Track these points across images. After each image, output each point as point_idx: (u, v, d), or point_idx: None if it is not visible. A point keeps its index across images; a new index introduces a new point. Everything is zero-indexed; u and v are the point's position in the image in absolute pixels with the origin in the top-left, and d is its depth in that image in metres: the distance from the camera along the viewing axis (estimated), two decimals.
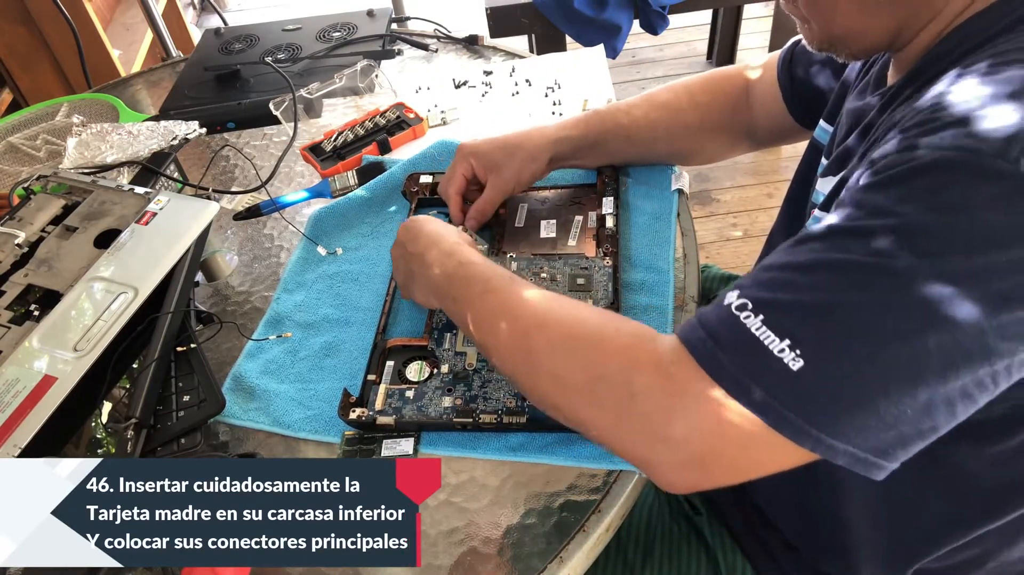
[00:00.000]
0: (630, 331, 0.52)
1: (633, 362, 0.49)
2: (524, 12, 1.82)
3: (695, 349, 0.46)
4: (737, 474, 0.47)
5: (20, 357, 0.67)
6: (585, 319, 0.55)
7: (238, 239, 0.92)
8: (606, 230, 0.81)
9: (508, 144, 0.82)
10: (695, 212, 2.06)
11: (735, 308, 0.45)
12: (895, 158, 0.44)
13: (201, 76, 1.21)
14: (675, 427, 0.46)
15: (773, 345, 0.43)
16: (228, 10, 3.23)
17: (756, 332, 0.44)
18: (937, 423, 0.43)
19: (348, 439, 0.67)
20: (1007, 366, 0.42)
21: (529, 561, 0.58)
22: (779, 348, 0.43)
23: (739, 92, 0.85)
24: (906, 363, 0.41)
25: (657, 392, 0.47)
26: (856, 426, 0.42)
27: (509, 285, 0.60)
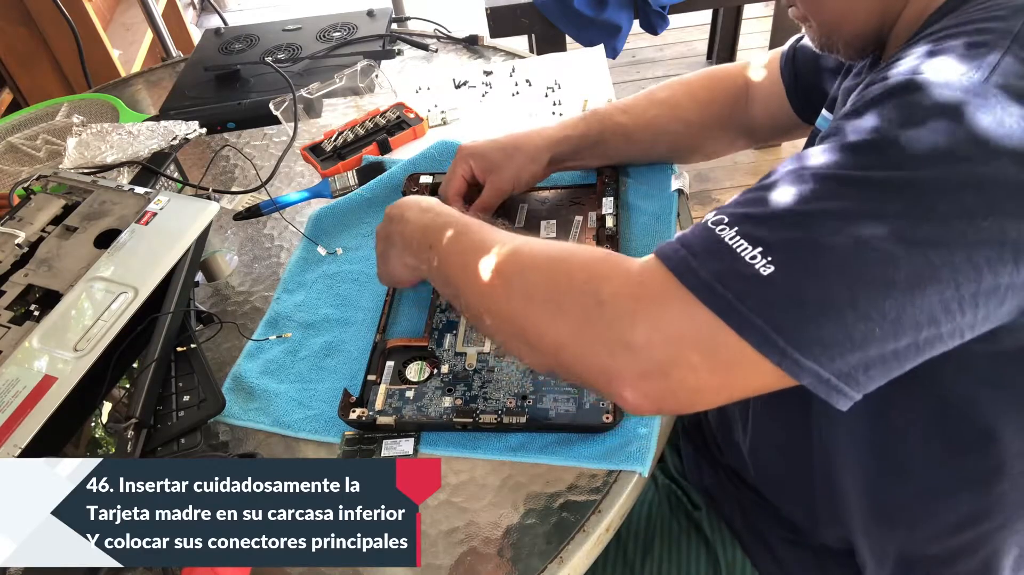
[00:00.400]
0: (604, 252, 0.53)
1: (601, 273, 0.49)
2: (524, 12, 1.81)
3: (668, 259, 0.47)
4: (699, 392, 0.46)
5: (20, 357, 0.67)
6: (560, 247, 0.55)
7: (238, 239, 0.92)
8: (606, 230, 0.81)
9: (507, 145, 0.82)
10: (695, 212, 2.05)
11: (711, 223, 0.46)
12: (867, 90, 0.46)
13: (201, 76, 1.21)
14: (638, 331, 0.46)
15: (745, 252, 0.44)
16: (228, 10, 3.23)
17: (730, 242, 0.44)
18: (902, 348, 0.43)
19: (348, 439, 0.67)
20: (973, 294, 0.42)
21: (529, 561, 0.58)
22: (751, 255, 0.43)
23: (738, 89, 0.85)
24: (874, 273, 0.42)
25: (624, 298, 0.47)
26: (823, 339, 0.42)
27: (484, 227, 0.61)
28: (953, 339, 0.44)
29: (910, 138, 0.42)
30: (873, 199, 0.42)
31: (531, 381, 0.67)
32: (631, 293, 0.47)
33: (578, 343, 0.49)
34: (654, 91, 0.86)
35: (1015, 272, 0.42)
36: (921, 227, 0.41)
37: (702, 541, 0.74)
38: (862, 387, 0.44)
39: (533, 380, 0.67)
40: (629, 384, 0.46)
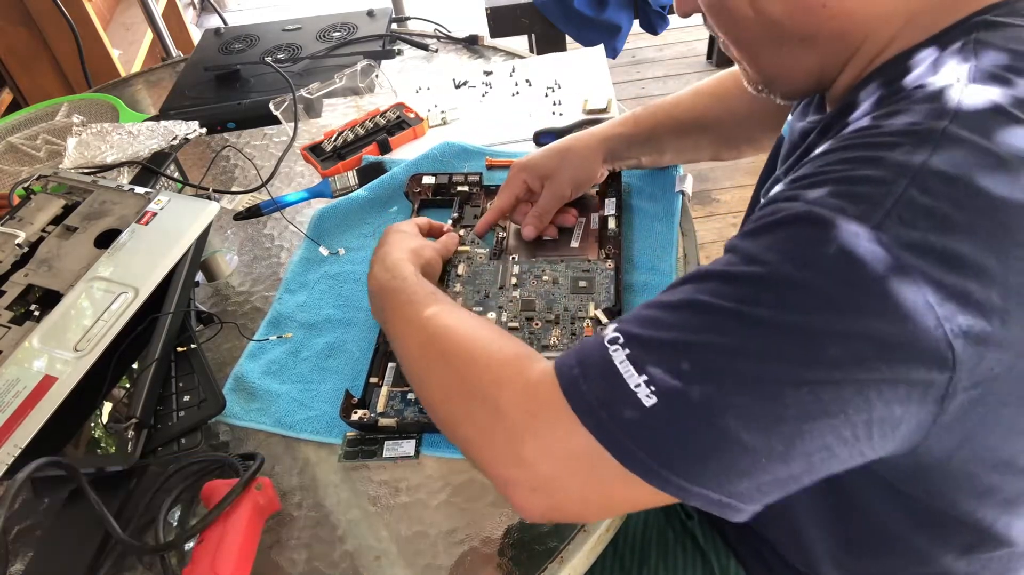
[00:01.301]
0: (513, 351, 0.53)
1: (504, 379, 0.50)
2: (524, 12, 1.82)
3: (561, 375, 0.47)
4: (586, 507, 0.47)
5: (20, 357, 0.67)
6: (477, 336, 0.56)
7: (238, 239, 0.92)
8: (608, 231, 0.81)
9: (560, 150, 0.81)
10: (695, 212, 2.06)
11: (608, 340, 0.45)
12: (774, 207, 0.44)
13: (201, 76, 1.21)
14: (528, 447, 0.46)
15: (631, 379, 0.43)
16: (228, 10, 3.23)
17: (619, 365, 0.44)
18: (796, 473, 0.42)
19: (350, 440, 0.67)
20: (866, 422, 0.41)
21: (529, 561, 0.58)
22: (636, 383, 0.43)
23: None
24: (759, 411, 0.41)
25: (519, 411, 0.48)
26: (709, 470, 0.42)
27: (427, 299, 0.63)
28: (854, 460, 0.43)
29: (804, 280, 0.40)
30: (761, 338, 0.41)
31: None
32: (526, 407, 0.48)
33: (480, 447, 0.51)
34: (700, 85, 0.85)
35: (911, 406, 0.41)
36: (811, 370, 0.40)
37: (696, 550, 0.74)
38: (758, 502, 0.43)
39: None
40: (520, 495, 0.47)
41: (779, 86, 0.56)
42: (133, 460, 0.63)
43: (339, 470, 0.65)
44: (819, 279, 0.40)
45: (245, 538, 0.57)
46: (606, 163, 0.83)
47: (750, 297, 0.42)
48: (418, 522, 0.61)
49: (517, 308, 0.74)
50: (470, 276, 0.79)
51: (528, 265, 0.79)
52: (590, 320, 0.72)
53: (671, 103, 0.84)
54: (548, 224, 0.82)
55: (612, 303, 0.73)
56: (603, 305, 0.73)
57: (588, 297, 0.74)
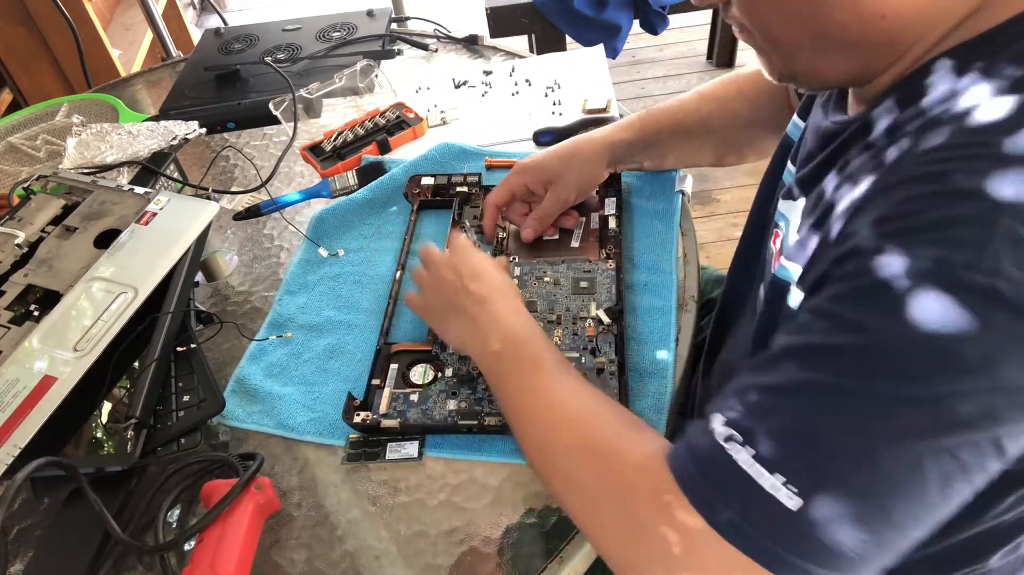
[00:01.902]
0: (642, 451, 0.49)
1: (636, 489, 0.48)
2: (524, 12, 1.82)
3: (689, 490, 0.45)
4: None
5: (20, 357, 0.67)
6: (603, 425, 0.53)
7: (238, 239, 0.92)
8: (609, 231, 0.81)
9: (564, 153, 0.81)
10: (695, 212, 2.06)
11: (722, 439, 0.43)
12: (862, 263, 0.41)
13: (201, 76, 1.21)
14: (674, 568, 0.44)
15: (765, 482, 0.41)
16: (228, 10, 3.23)
17: (748, 469, 0.42)
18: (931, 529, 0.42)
19: (352, 442, 0.66)
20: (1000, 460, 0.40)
21: (529, 561, 0.58)
22: (771, 484, 0.41)
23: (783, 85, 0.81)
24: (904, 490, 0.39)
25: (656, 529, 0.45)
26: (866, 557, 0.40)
27: (556, 370, 0.59)
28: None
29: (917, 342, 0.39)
30: (889, 414, 0.39)
31: None
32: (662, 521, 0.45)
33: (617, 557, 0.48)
34: (704, 88, 0.84)
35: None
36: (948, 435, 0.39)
37: None
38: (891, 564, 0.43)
39: None
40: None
41: (808, 82, 0.54)
42: (133, 460, 0.63)
43: (339, 470, 0.65)
44: (932, 339, 0.38)
45: (245, 538, 0.57)
46: (609, 167, 0.83)
47: (865, 370, 0.40)
48: (418, 522, 0.61)
49: None
50: None
51: (529, 266, 0.79)
52: (592, 320, 0.72)
53: (675, 107, 0.83)
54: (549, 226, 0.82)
55: (613, 303, 0.73)
56: (604, 305, 0.73)
57: (589, 297, 0.74)
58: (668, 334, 0.71)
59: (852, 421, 0.40)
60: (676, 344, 0.71)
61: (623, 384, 0.66)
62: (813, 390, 0.42)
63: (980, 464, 0.40)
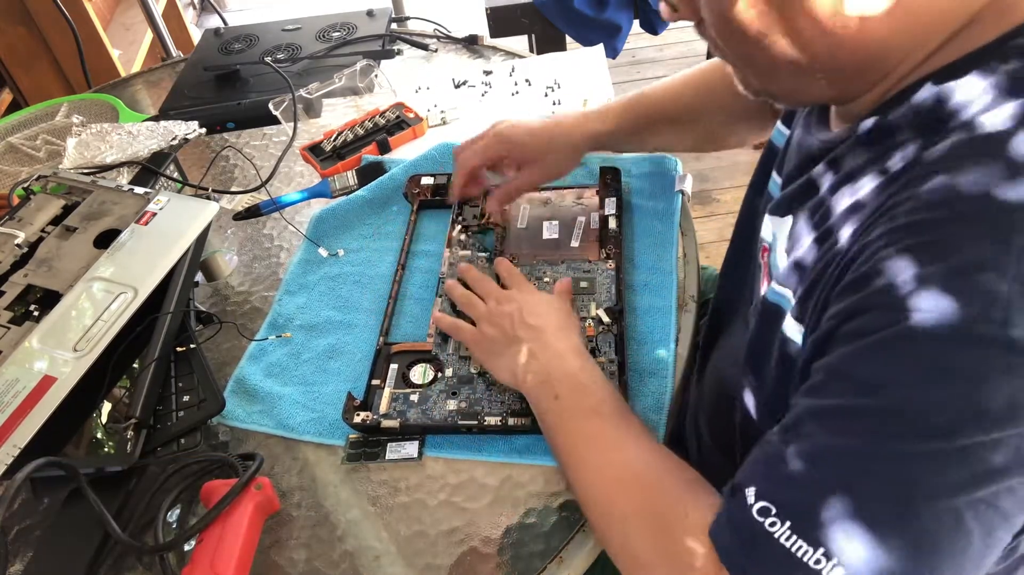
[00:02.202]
0: (698, 523, 0.48)
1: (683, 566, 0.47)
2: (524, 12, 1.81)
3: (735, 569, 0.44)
4: None
5: (20, 357, 0.67)
6: (664, 492, 0.52)
7: (238, 239, 0.92)
8: (609, 231, 0.80)
9: (543, 136, 0.80)
10: (695, 212, 2.05)
11: (757, 513, 0.43)
12: (875, 318, 0.41)
13: (201, 76, 1.21)
14: None
15: (807, 557, 0.40)
16: (228, 10, 3.22)
17: (787, 543, 0.41)
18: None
19: (352, 442, 0.66)
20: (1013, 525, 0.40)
21: (529, 561, 0.58)
22: (814, 559, 0.40)
23: None
24: (946, 547, 0.39)
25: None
26: None
27: (615, 417, 0.58)
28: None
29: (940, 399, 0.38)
30: (921, 473, 0.39)
31: None
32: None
33: None
34: (689, 75, 0.83)
35: None
36: (983, 486, 0.38)
37: None
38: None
39: None
40: None
41: (785, 101, 0.54)
42: (132, 460, 0.63)
43: (339, 470, 0.65)
44: (955, 397, 0.38)
45: (244, 538, 0.57)
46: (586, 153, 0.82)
47: (890, 432, 0.39)
48: (418, 522, 0.61)
49: None
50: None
51: (529, 267, 0.79)
52: (592, 320, 0.72)
53: (661, 94, 0.82)
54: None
55: (613, 303, 0.73)
56: (604, 305, 0.73)
57: (589, 297, 0.74)
58: (668, 334, 0.71)
59: (885, 485, 0.40)
60: (676, 344, 0.71)
61: (623, 384, 0.66)
62: (841, 456, 0.41)
63: (1020, 507, 0.39)
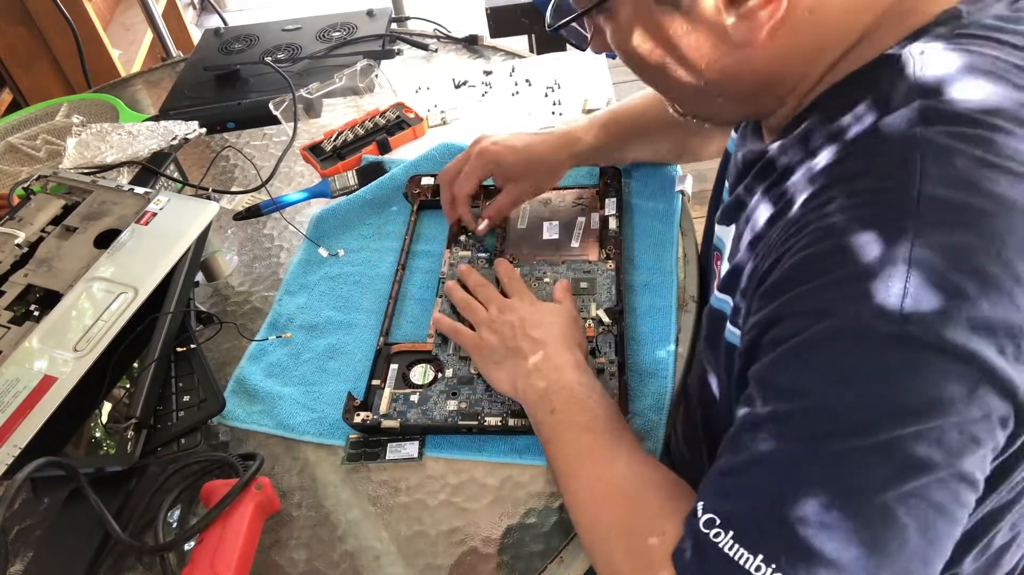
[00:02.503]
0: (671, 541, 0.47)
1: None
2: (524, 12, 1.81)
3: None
4: None
5: (20, 357, 0.67)
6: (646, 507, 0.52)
7: (238, 239, 0.92)
8: (609, 231, 0.80)
9: (529, 156, 0.81)
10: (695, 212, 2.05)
11: (703, 525, 0.44)
12: (788, 326, 0.43)
13: (201, 76, 1.21)
14: None
15: (748, 563, 0.41)
16: (228, 10, 3.22)
17: (730, 552, 0.42)
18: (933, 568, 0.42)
19: (353, 442, 0.66)
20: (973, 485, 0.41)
21: (529, 561, 0.58)
22: (755, 566, 0.41)
23: None
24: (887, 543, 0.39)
25: None
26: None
27: (608, 433, 0.58)
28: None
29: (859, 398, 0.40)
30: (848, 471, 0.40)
31: None
32: None
33: None
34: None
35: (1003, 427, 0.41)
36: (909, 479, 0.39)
37: None
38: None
39: None
40: None
41: (709, 121, 0.57)
42: (133, 460, 0.63)
43: (339, 470, 0.65)
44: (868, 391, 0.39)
45: (245, 538, 0.57)
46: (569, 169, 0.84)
47: (813, 433, 0.41)
48: (418, 522, 0.61)
49: None
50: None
51: (529, 267, 0.79)
52: (592, 320, 0.72)
53: (639, 108, 0.83)
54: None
55: (614, 303, 0.73)
56: (604, 305, 0.73)
57: (590, 298, 0.74)
58: (668, 334, 0.71)
59: (814, 487, 0.40)
60: (676, 344, 0.71)
61: (623, 384, 0.66)
62: (771, 463, 0.42)
63: (956, 500, 0.40)
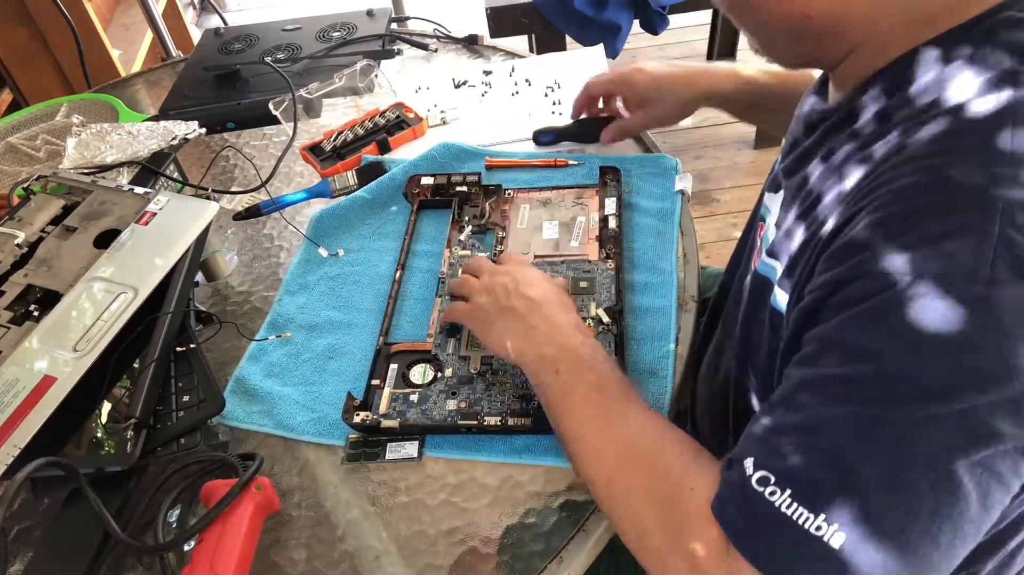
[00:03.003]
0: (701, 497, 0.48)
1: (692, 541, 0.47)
2: (524, 12, 1.81)
3: (738, 540, 0.44)
4: None
5: (20, 357, 0.67)
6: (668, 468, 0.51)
7: (238, 239, 0.92)
8: (609, 231, 0.80)
9: (660, 86, 0.84)
10: (695, 212, 2.05)
11: (756, 483, 0.43)
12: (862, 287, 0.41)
13: (201, 76, 1.21)
14: None
15: (808, 523, 0.40)
16: (228, 10, 3.23)
17: (787, 511, 0.41)
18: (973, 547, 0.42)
19: (352, 442, 0.66)
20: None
21: (529, 561, 0.58)
22: (815, 526, 0.40)
23: None
24: (944, 512, 0.39)
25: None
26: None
27: (617, 393, 0.57)
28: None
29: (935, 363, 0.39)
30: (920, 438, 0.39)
31: None
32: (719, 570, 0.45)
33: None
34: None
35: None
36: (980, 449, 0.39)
37: None
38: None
39: None
40: None
41: (771, 60, 0.56)
42: (132, 460, 0.63)
43: (338, 470, 0.65)
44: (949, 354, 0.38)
45: (244, 538, 0.57)
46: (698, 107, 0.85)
47: (887, 397, 0.40)
48: (418, 522, 0.61)
49: None
50: None
51: None
52: (591, 320, 0.72)
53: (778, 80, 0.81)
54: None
55: (613, 303, 0.73)
56: (604, 305, 0.73)
57: (589, 297, 0.74)
58: (668, 334, 0.71)
59: (883, 450, 0.40)
60: (676, 344, 0.71)
61: None
62: (838, 424, 0.41)
63: (1015, 471, 0.40)
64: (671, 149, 0.95)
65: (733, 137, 2.26)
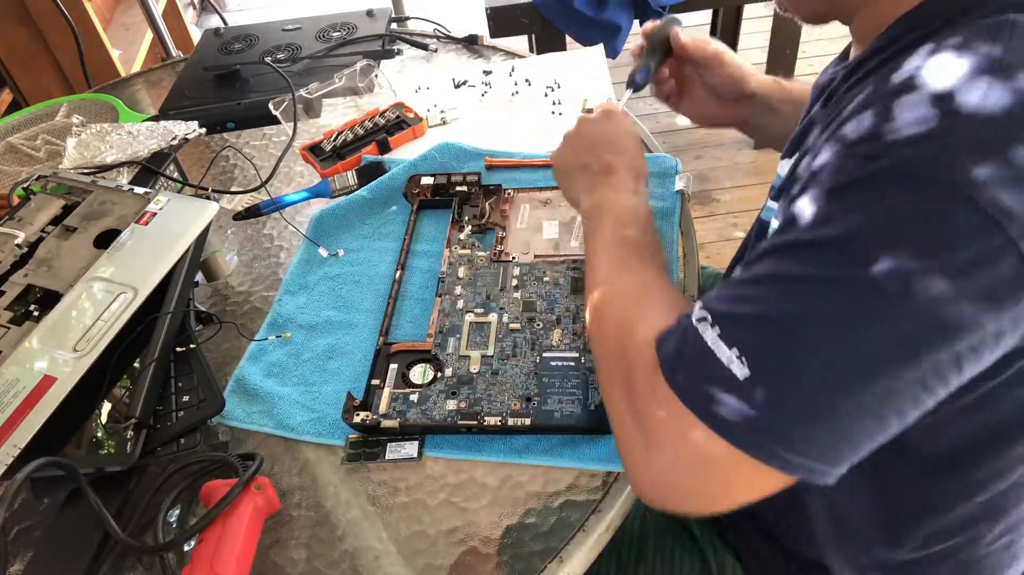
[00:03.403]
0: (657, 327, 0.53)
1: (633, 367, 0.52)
2: (524, 12, 1.81)
3: (663, 363, 0.49)
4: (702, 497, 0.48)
5: (20, 357, 0.67)
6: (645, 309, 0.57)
7: (238, 239, 0.92)
8: None
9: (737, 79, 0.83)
10: (695, 212, 2.05)
11: (696, 319, 0.47)
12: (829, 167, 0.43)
13: (201, 76, 1.21)
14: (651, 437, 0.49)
15: (723, 354, 0.44)
16: (228, 10, 3.23)
17: (711, 343, 0.45)
18: (889, 427, 0.43)
19: (352, 442, 0.66)
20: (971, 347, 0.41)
21: (529, 561, 0.58)
22: (727, 357, 0.44)
23: None
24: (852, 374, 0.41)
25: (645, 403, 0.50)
26: (807, 437, 0.42)
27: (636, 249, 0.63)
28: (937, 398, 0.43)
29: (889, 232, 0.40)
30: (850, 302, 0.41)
31: (536, 383, 0.67)
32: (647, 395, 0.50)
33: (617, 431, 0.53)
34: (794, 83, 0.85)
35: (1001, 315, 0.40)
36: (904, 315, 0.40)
37: (694, 546, 0.75)
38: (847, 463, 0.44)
39: (538, 382, 0.67)
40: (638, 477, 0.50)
41: (796, 14, 0.58)
42: (132, 460, 0.63)
43: (338, 470, 0.65)
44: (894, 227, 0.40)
45: (244, 538, 0.57)
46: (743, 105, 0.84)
47: (832, 260, 0.42)
48: (418, 522, 0.61)
49: (519, 309, 0.74)
50: (471, 279, 0.79)
51: (529, 266, 0.79)
52: None
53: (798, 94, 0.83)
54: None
55: None
56: None
57: None
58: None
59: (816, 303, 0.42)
60: None
61: None
62: (782, 279, 0.44)
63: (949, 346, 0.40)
64: (671, 149, 0.95)
65: (733, 137, 2.26)
